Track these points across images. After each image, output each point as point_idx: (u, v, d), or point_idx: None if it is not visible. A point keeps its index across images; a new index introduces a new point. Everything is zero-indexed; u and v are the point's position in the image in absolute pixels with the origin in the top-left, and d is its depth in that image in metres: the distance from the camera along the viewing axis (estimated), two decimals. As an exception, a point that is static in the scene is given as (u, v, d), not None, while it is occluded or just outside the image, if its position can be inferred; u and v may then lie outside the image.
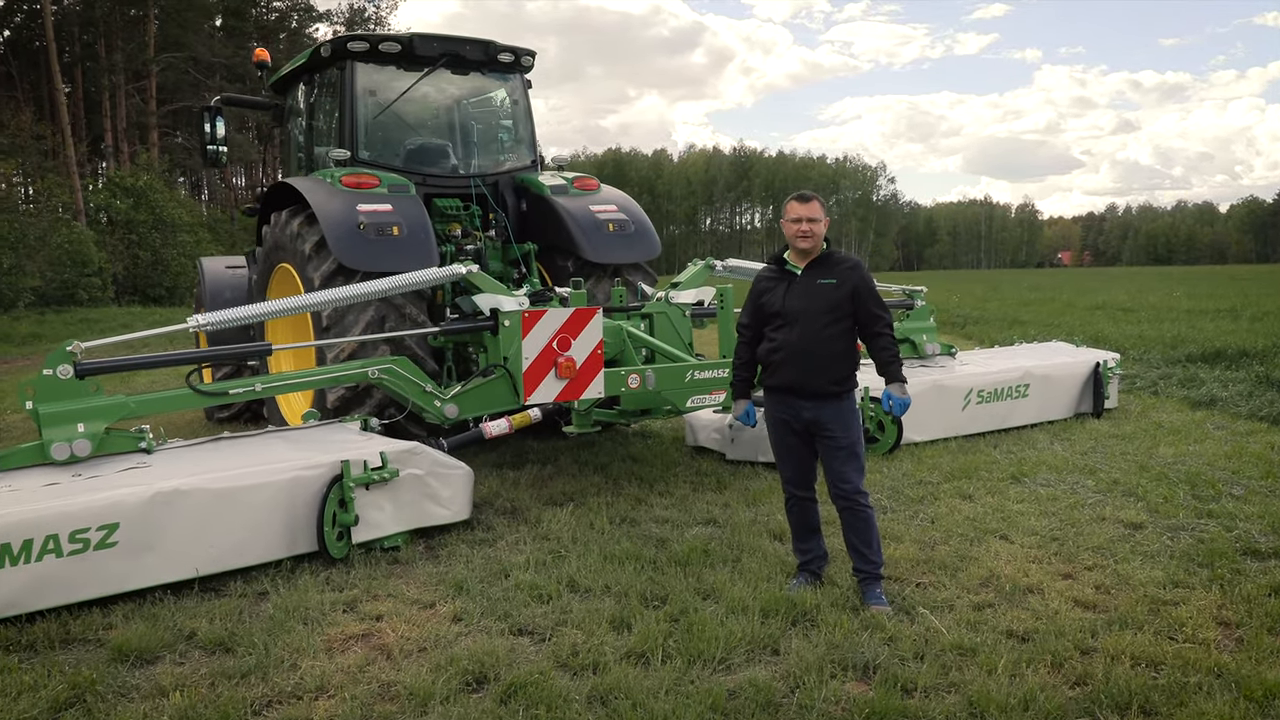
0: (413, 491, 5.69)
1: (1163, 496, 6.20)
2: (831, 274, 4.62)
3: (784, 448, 4.87)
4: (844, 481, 4.66)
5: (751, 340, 4.89)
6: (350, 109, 8.21)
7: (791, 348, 4.61)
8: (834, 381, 4.60)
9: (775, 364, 4.70)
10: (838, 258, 4.70)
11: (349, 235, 7.13)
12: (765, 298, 4.76)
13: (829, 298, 4.57)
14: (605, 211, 8.39)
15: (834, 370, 4.60)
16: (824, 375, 4.59)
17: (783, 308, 4.65)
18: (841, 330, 4.60)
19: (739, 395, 5.03)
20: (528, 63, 8.97)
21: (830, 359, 4.58)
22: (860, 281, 4.61)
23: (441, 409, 6.09)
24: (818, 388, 4.60)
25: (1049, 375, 8.78)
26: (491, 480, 7.06)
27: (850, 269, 4.64)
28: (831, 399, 4.62)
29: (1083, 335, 15.78)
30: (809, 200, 4.67)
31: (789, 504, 4.96)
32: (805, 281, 4.64)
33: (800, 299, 4.62)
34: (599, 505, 6.30)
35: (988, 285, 43.36)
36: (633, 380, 5.78)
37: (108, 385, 5.86)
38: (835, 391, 4.62)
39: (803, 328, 4.59)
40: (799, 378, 4.62)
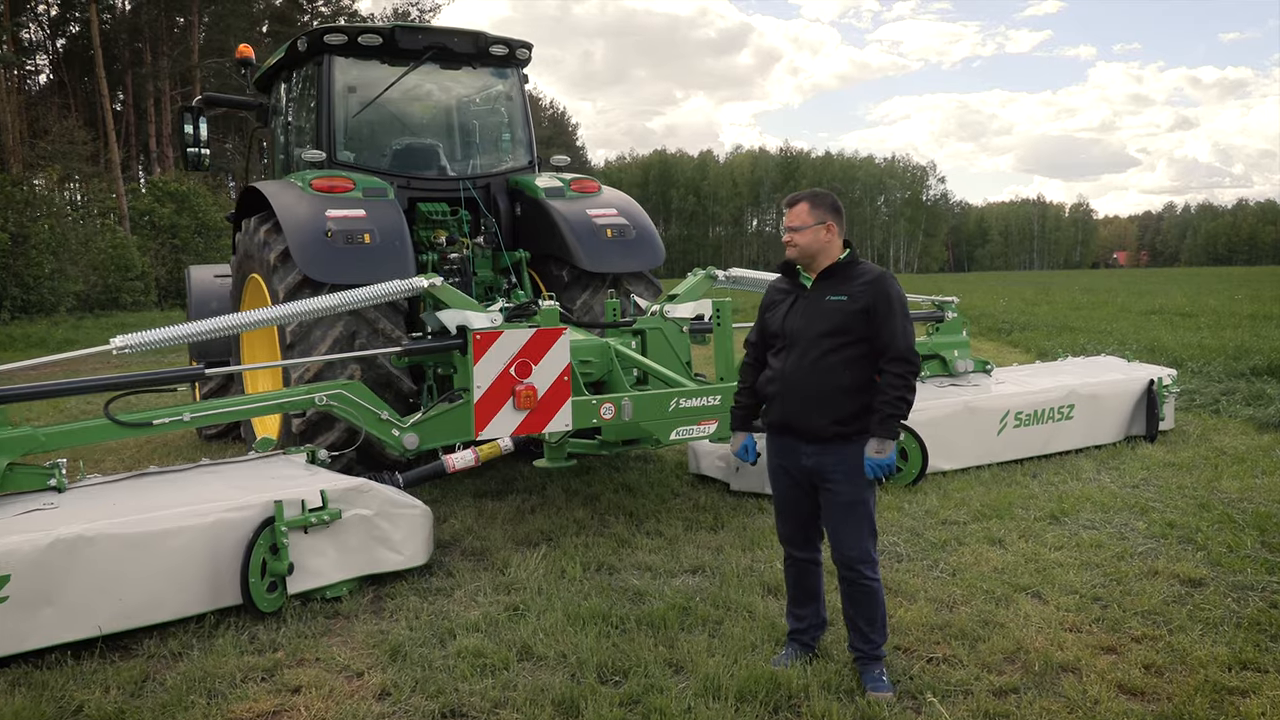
0: (360, 535, 5.04)
1: (1226, 544, 5.35)
2: (844, 288, 3.77)
3: (782, 499, 4.09)
4: (846, 547, 3.86)
5: (757, 362, 4.12)
6: (327, 107, 7.61)
7: (786, 378, 3.84)
8: (838, 421, 3.74)
9: (770, 396, 3.94)
10: (857, 269, 3.83)
11: (314, 244, 6.52)
12: (769, 313, 4.01)
13: (836, 317, 3.74)
14: (604, 216, 7.70)
15: (838, 407, 3.74)
16: (824, 413, 3.76)
17: (782, 327, 3.88)
18: (849, 358, 3.73)
19: (738, 426, 4.20)
20: (523, 56, 8.31)
21: (833, 393, 3.74)
22: (877, 299, 3.72)
23: (400, 439, 5.44)
24: (817, 428, 3.78)
25: (1097, 395, 7.90)
26: (466, 513, 6.40)
27: (868, 283, 3.75)
28: (835, 443, 3.78)
29: (1137, 344, 14.77)
30: (794, 204, 3.90)
31: (786, 563, 4.17)
32: (813, 297, 3.84)
33: (802, 318, 3.82)
34: (576, 548, 5.60)
35: (1038, 288, 41.89)
36: (606, 410, 5.06)
37: (40, 413, 5.35)
38: (840, 434, 3.76)
39: (800, 353, 3.79)
40: (793, 414, 3.84)
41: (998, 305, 27.39)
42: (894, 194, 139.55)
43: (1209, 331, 16.83)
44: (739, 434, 4.21)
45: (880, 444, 3.71)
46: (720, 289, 6.89)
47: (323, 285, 6.42)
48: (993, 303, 28.65)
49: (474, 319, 5.71)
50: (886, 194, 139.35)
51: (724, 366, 5.94)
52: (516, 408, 4.70)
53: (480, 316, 5.74)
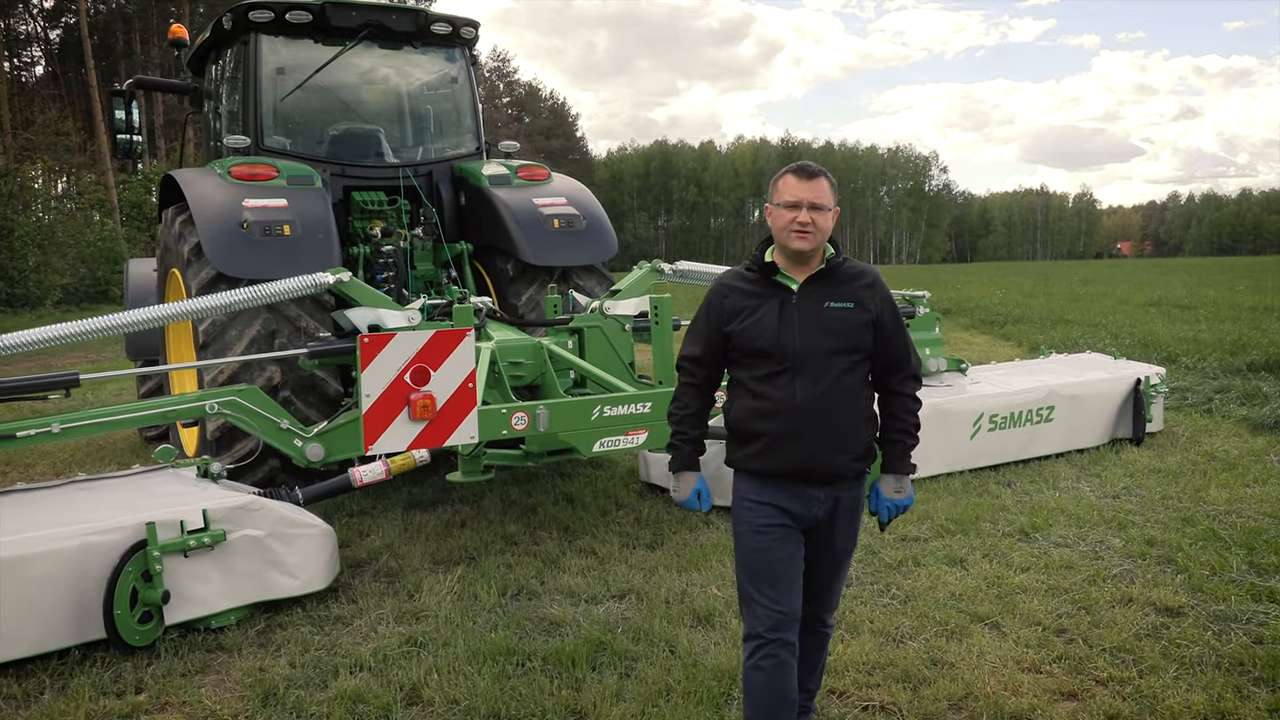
0: (250, 558, 4.56)
1: (1210, 566, 4.84)
2: (845, 293, 3.02)
3: (778, 563, 3.01)
4: (832, 605, 3.26)
5: (704, 384, 3.17)
6: (254, 89, 7.10)
7: (800, 411, 2.93)
8: (858, 457, 3.04)
9: (771, 437, 2.96)
10: (852, 268, 3.10)
11: (227, 236, 6.03)
12: (742, 323, 3.02)
13: (845, 330, 2.98)
14: (551, 205, 7.19)
15: (858, 440, 3.03)
16: (847, 448, 2.99)
17: (778, 343, 2.96)
18: (860, 378, 3.05)
19: (683, 465, 3.19)
20: (469, 35, 7.80)
21: (854, 424, 3.01)
22: (885, 307, 3.06)
23: (303, 450, 4.95)
24: (838, 468, 3.00)
25: (1078, 395, 7.39)
26: (391, 527, 5.91)
27: (871, 286, 3.06)
28: (845, 483, 3.05)
29: (1131, 337, 14.26)
30: (815, 176, 3.00)
31: (758, 654, 2.99)
32: (808, 303, 3.00)
33: (803, 331, 2.96)
34: (498, 569, 5.12)
35: (1037, 279, 41.24)
36: (519, 420, 4.57)
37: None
38: (858, 471, 3.08)
39: (813, 377, 2.94)
40: (813, 456, 2.96)
41: (994, 297, 26.87)
42: (896, 184, 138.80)
43: (1207, 324, 16.29)
44: (687, 475, 3.20)
45: (899, 481, 3.13)
46: (668, 284, 6.37)
47: (238, 281, 5.94)
48: (989, 294, 28.10)
49: (388, 318, 5.24)
50: (889, 184, 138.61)
51: (663, 369, 5.45)
52: (412, 419, 4.21)
53: (395, 315, 5.27)
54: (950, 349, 15.06)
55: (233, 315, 5.95)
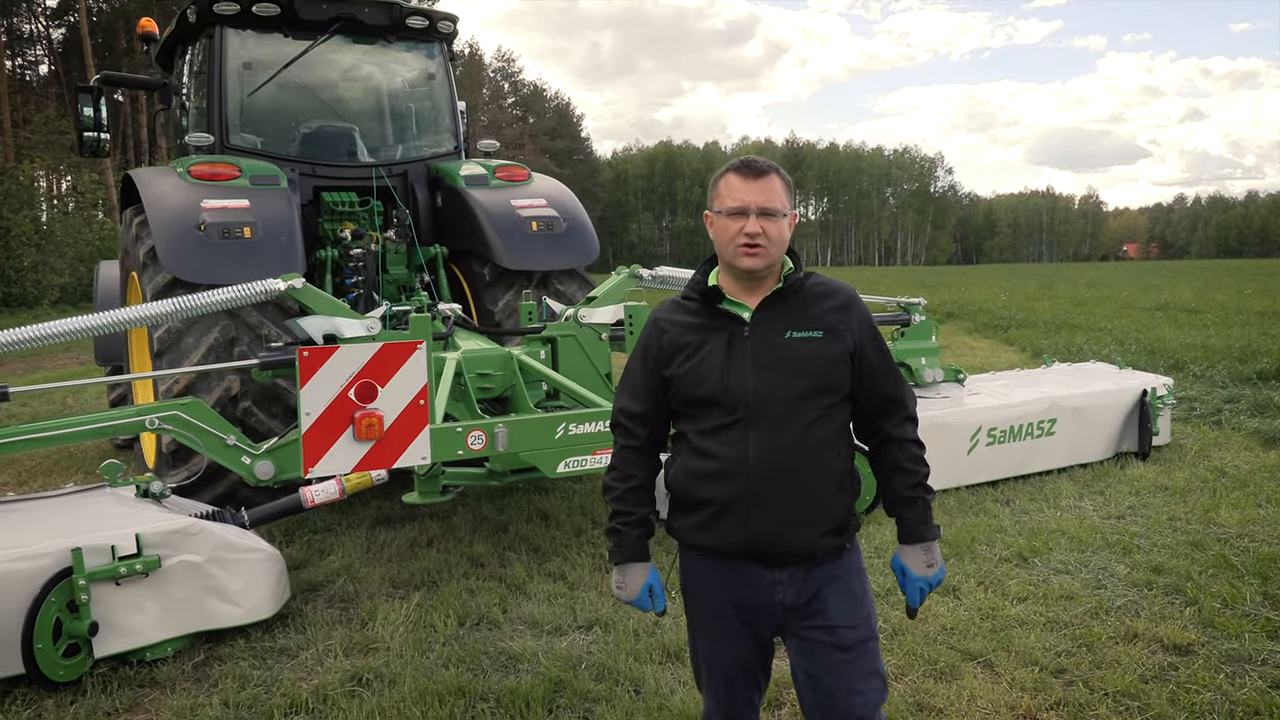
0: (188, 585, 4.24)
1: (1221, 598, 4.50)
2: (813, 317, 2.41)
3: (722, 657, 2.53)
4: (859, 708, 2.41)
5: (648, 446, 2.54)
6: (219, 85, 6.80)
7: (754, 473, 2.33)
8: (834, 529, 2.39)
9: (718, 506, 2.37)
10: (818, 286, 2.47)
11: (182, 239, 5.72)
12: (682, 365, 2.42)
13: (814, 365, 2.37)
14: (529, 207, 6.88)
15: (833, 507, 2.39)
16: (816, 520, 2.37)
17: (725, 386, 2.36)
18: (837, 426, 2.42)
19: (627, 556, 2.53)
20: (446, 29, 7.49)
21: (826, 487, 2.38)
22: (867, 332, 2.45)
23: (251, 467, 4.63)
24: (803, 545, 2.37)
25: (1081, 408, 7.05)
26: (354, 546, 5.60)
27: (844, 308, 2.43)
28: (829, 561, 2.42)
29: (1137, 344, 13.89)
30: (763, 173, 2.38)
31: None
32: (764, 334, 2.39)
33: (763, 370, 2.36)
34: (460, 594, 4.80)
35: (1042, 281, 40.80)
36: (475, 439, 4.24)
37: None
38: (836, 547, 2.42)
39: (772, 428, 2.33)
40: (768, 531, 2.35)
41: (998, 300, 26.48)
42: (902, 186, 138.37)
43: (1215, 329, 15.91)
44: (633, 568, 2.53)
45: (928, 551, 2.46)
46: (646, 290, 6.04)
47: (196, 286, 5.62)
48: (993, 297, 27.72)
49: (344, 327, 4.92)
50: (894, 186, 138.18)
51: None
52: (357, 439, 3.89)
53: (353, 324, 4.95)
54: (952, 355, 14.80)
55: (189, 322, 5.65)
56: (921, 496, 2.48)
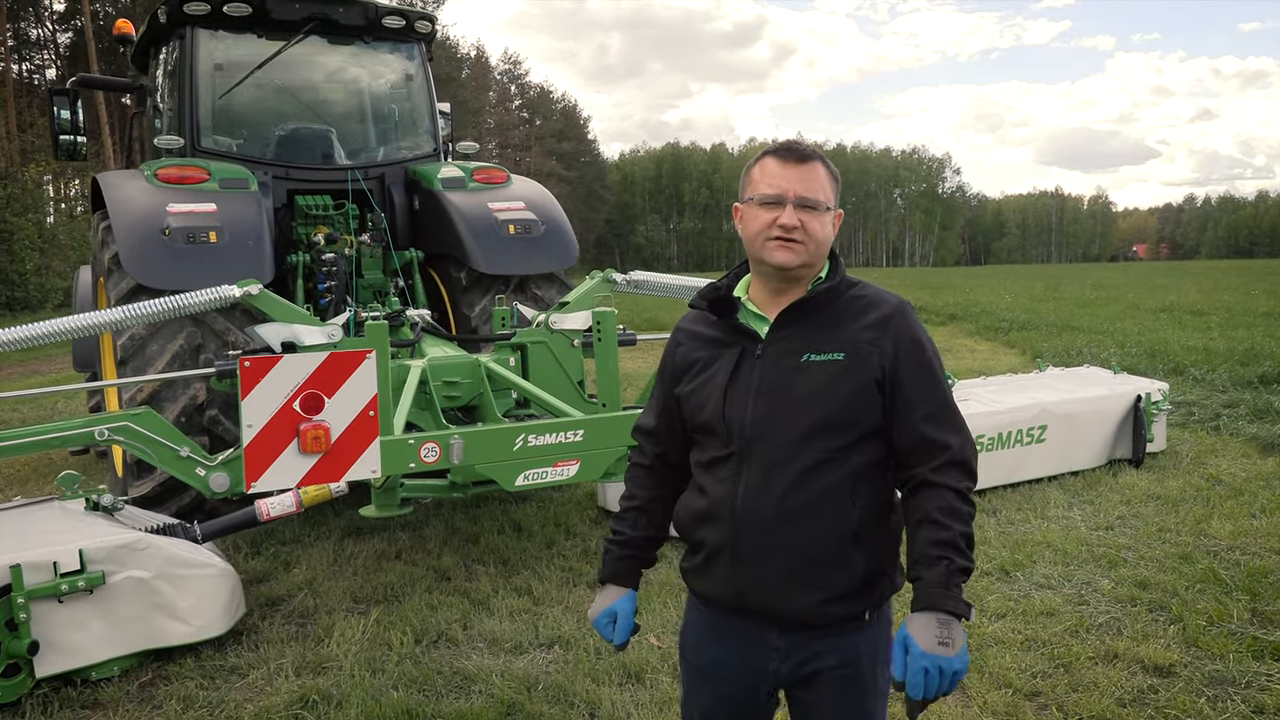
0: (135, 602, 4.11)
1: (1208, 615, 4.33)
2: (840, 337, 2.04)
3: (712, 714, 2.24)
4: None
5: (657, 467, 2.31)
6: (190, 87, 6.67)
7: (740, 519, 2.05)
8: (843, 595, 2.04)
9: (708, 551, 2.13)
10: (859, 297, 2.09)
11: (146, 243, 5.60)
12: (691, 383, 2.16)
13: (827, 396, 2.01)
14: (507, 210, 6.73)
15: (841, 569, 2.03)
16: (819, 582, 2.03)
17: (722, 415, 2.08)
18: (858, 474, 2.02)
19: (604, 576, 2.34)
20: (424, 29, 7.35)
21: (832, 544, 2.02)
22: (909, 354, 2.03)
23: (206, 479, 4.49)
24: (801, 609, 2.05)
25: (1073, 414, 6.88)
26: (320, 557, 5.46)
27: (883, 324, 2.04)
28: (842, 632, 2.07)
29: (1139, 347, 13.69)
30: (806, 159, 2.05)
31: None
32: (777, 353, 2.07)
33: (765, 397, 2.05)
34: (421, 609, 4.65)
35: (1049, 282, 40.49)
36: (428, 452, 4.09)
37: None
38: (849, 616, 2.06)
39: (766, 467, 2.03)
40: (758, 587, 2.06)
41: (1003, 301, 26.25)
42: (909, 186, 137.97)
43: (1219, 331, 15.69)
44: (608, 590, 2.32)
45: (943, 626, 1.90)
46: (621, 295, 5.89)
47: (160, 292, 5.49)
48: (998, 299, 27.48)
49: (304, 334, 4.78)
50: (902, 187, 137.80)
51: (607, 391, 4.97)
52: (303, 451, 3.74)
53: (313, 332, 4.80)
54: (953, 357, 14.62)
55: (154, 328, 5.53)
56: (948, 558, 1.93)
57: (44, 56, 53.54)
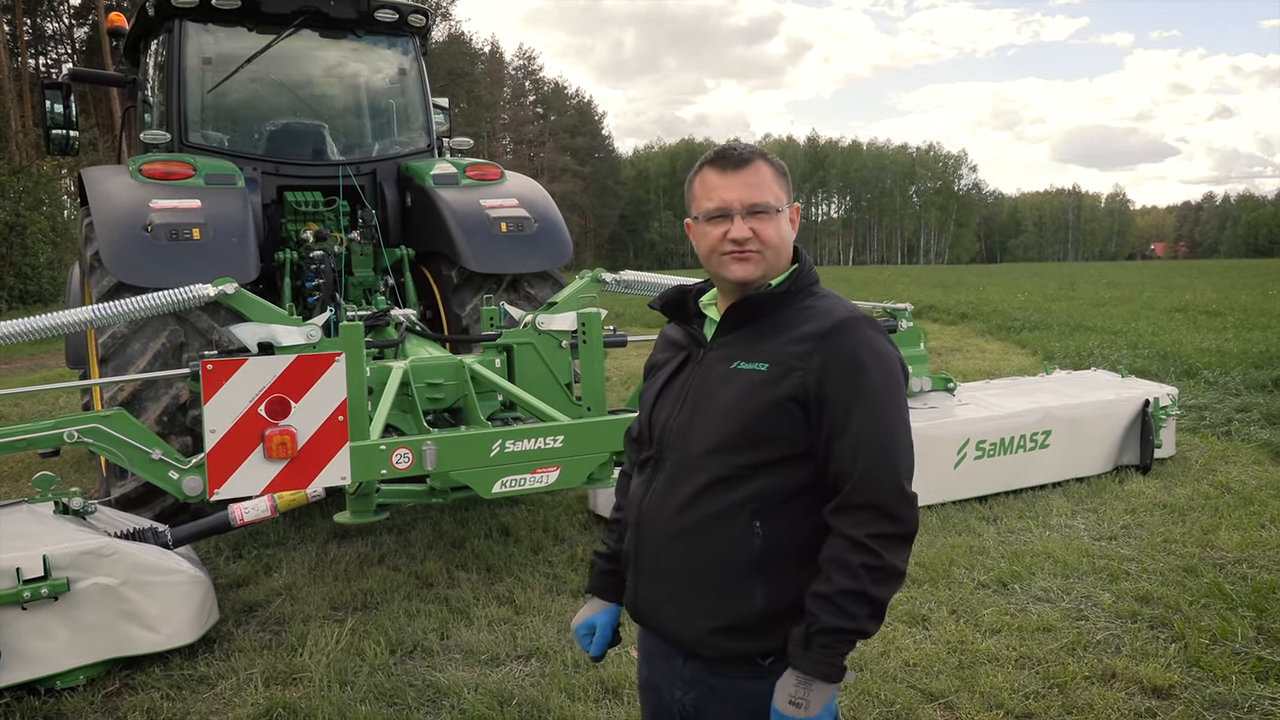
0: (101, 610, 4.00)
1: (1211, 633, 4.16)
2: (771, 347, 1.89)
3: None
4: None
5: None
6: (178, 80, 6.57)
7: (641, 526, 1.99)
8: (741, 629, 1.88)
9: (624, 553, 2.10)
10: (807, 307, 1.93)
11: (127, 240, 5.49)
12: (648, 385, 2.14)
13: (741, 408, 1.86)
14: (499, 207, 6.60)
15: (733, 597, 1.87)
16: (710, 610, 1.89)
17: (650, 419, 2.05)
18: (765, 498, 1.85)
19: (589, 586, 2.25)
20: (417, 22, 7.22)
21: (726, 568, 1.87)
22: (836, 374, 1.83)
23: (179, 483, 4.37)
24: (688, 637, 1.93)
25: (1078, 419, 6.70)
26: (301, 561, 5.35)
27: (820, 337, 1.85)
28: (727, 670, 1.91)
29: (1151, 348, 13.45)
30: (745, 162, 1.91)
31: None
32: (714, 359, 1.96)
33: (689, 403, 1.95)
34: (398, 617, 4.53)
35: (1063, 281, 40.08)
36: (401, 458, 3.97)
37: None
38: (745, 654, 1.89)
39: (673, 477, 1.94)
40: (645, 604, 2.00)
41: (1016, 300, 25.97)
42: (925, 184, 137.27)
43: (1234, 333, 15.41)
44: (591, 601, 2.24)
45: (800, 686, 1.79)
46: (609, 295, 5.76)
47: (142, 290, 5.39)
48: (1011, 297, 27.19)
49: (282, 335, 4.66)
50: (918, 184, 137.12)
51: (591, 394, 4.83)
52: (268, 458, 3.63)
53: (291, 332, 4.68)
54: (962, 358, 14.41)
55: (135, 327, 5.43)
56: (814, 614, 1.77)
57: (60, 51, 53.81)
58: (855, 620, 1.77)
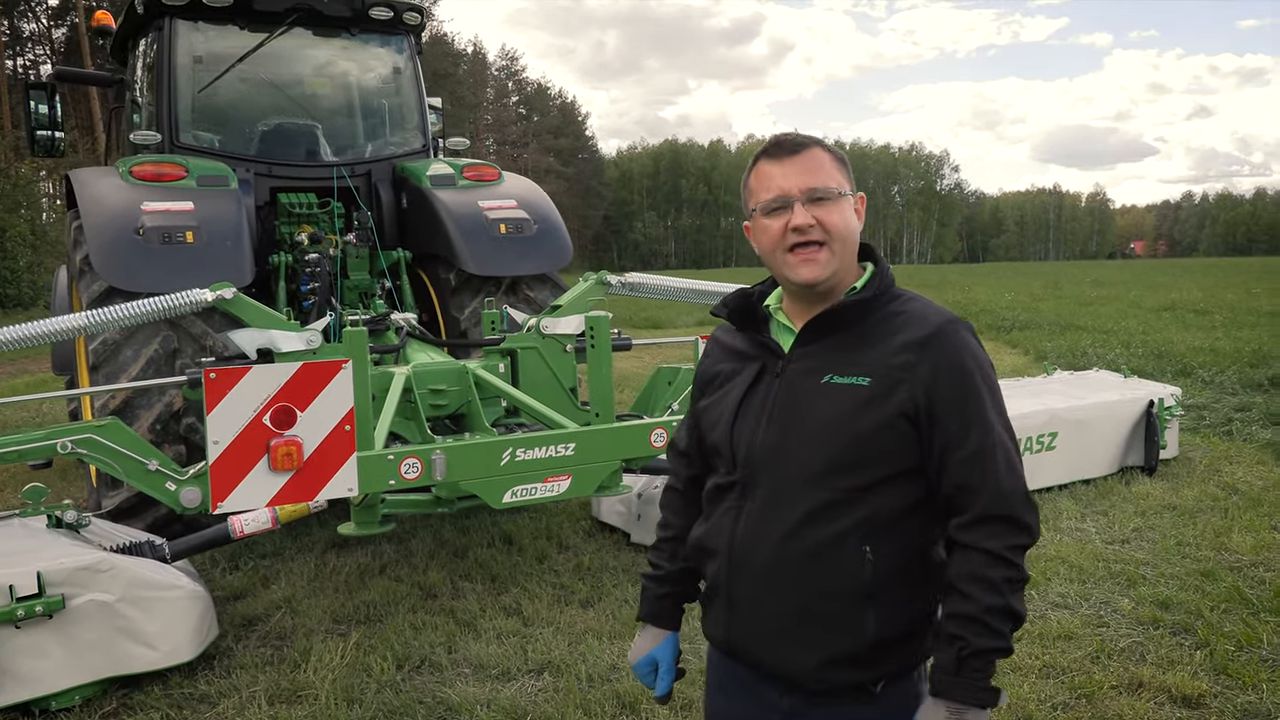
0: (98, 627, 3.86)
1: (1236, 639, 4.09)
2: (868, 359, 1.76)
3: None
4: None
5: (691, 489, 2.07)
6: (169, 80, 6.41)
7: (735, 557, 1.82)
8: (851, 660, 1.75)
9: (709, 588, 1.93)
10: (898, 312, 1.81)
11: (118, 243, 5.35)
12: (710, 397, 1.96)
13: (844, 428, 1.74)
14: (498, 209, 6.47)
15: (849, 626, 1.74)
16: (819, 641, 1.76)
17: (729, 439, 1.86)
18: (877, 520, 1.74)
19: (643, 615, 2.10)
20: (412, 20, 7.09)
21: (836, 596, 1.75)
22: (945, 384, 1.73)
23: (177, 494, 4.24)
24: (795, 671, 1.78)
25: (1084, 421, 6.64)
26: (300, 572, 5.22)
27: (921, 345, 1.74)
28: (842, 702, 1.79)
29: (1144, 347, 13.46)
30: (801, 148, 1.80)
31: None
32: (798, 373, 1.81)
33: (777, 423, 1.80)
34: (404, 631, 4.41)
35: (1048, 280, 40.26)
36: (409, 468, 3.85)
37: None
38: (855, 685, 1.78)
39: (770, 503, 1.79)
40: (747, 638, 1.84)
41: (1002, 300, 26.05)
42: (908, 184, 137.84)
43: (1224, 331, 15.47)
44: (648, 631, 2.09)
45: (955, 715, 1.67)
46: (615, 298, 5.65)
47: (134, 295, 5.24)
48: (998, 297, 27.28)
49: (281, 340, 4.54)
50: (901, 184, 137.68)
51: (599, 400, 4.72)
52: (273, 469, 3.50)
53: (290, 337, 4.56)
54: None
55: (127, 333, 5.28)
56: (963, 637, 1.66)
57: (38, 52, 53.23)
58: (1004, 638, 1.68)
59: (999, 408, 1.80)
